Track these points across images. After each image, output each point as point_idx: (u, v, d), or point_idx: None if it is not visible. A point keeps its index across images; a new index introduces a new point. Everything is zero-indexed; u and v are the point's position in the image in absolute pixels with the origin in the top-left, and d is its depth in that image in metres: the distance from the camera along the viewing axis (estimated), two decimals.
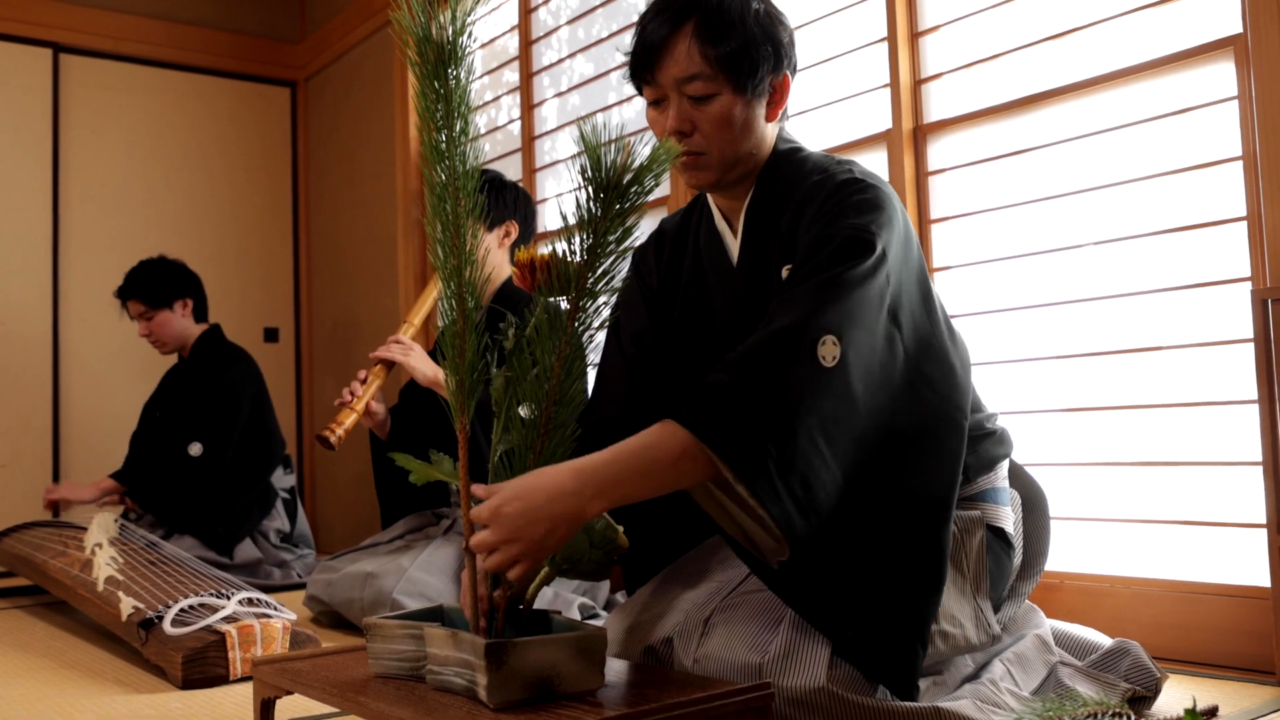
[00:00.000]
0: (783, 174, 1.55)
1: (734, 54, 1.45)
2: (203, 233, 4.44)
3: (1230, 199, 1.81)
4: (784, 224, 1.50)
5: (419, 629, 1.24)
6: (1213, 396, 1.83)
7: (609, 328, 1.77)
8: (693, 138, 1.49)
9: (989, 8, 2.17)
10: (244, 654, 1.89)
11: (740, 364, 1.29)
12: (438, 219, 1.26)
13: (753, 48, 1.46)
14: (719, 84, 1.46)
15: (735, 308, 1.59)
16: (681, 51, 1.46)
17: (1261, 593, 1.71)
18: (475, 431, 2.25)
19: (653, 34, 1.48)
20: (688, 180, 1.55)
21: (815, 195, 1.45)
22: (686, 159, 1.50)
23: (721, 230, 1.63)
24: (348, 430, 2.40)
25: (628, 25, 3.06)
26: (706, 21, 1.46)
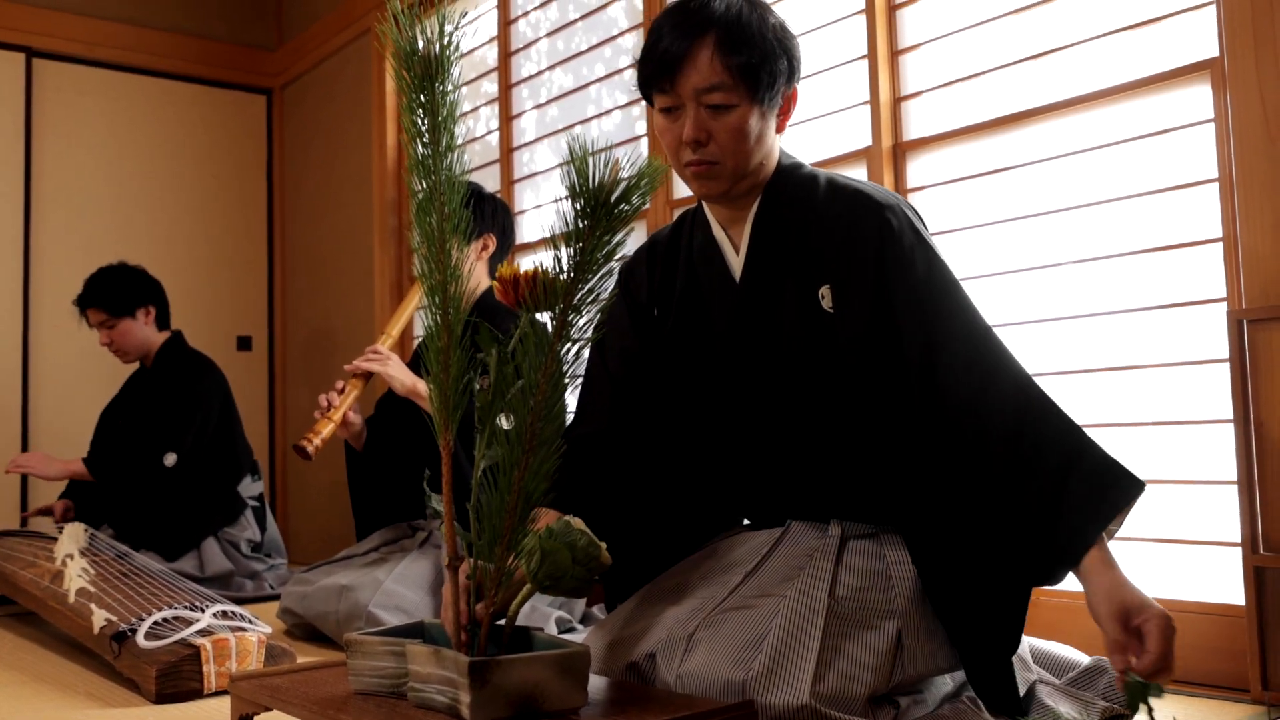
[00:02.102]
0: (790, 190, 1.57)
1: (754, 65, 1.48)
2: (176, 239, 4.41)
3: (1207, 220, 1.83)
4: (813, 240, 1.54)
5: (401, 645, 1.23)
6: (1189, 416, 1.85)
7: (594, 345, 1.77)
8: (708, 147, 1.51)
9: (968, 27, 2.19)
10: (219, 668, 1.87)
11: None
12: (422, 233, 1.25)
13: (771, 59, 1.50)
14: (739, 95, 1.48)
15: (738, 323, 1.59)
16: (704, 61, 1.48)
17: (1237, 611, 1.72)
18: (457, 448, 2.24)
19: (673, 44, 1.49)
20: (698, 190, 1.57)
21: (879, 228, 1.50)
22: (700, 168, 1.52)
23: (721, 243, 1.63)
24: (325, 440, 2.39)
25: (607, 39, 3.07)
26: (728, 34, 1.48)
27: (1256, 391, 1.68)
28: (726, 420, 1.64)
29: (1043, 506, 1.34)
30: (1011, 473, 1.36)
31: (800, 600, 1.40)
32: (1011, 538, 1.36)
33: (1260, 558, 1.65)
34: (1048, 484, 1.34)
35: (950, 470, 1.41)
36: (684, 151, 1.53)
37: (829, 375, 1.52)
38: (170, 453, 3.22)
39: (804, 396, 1.55)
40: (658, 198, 2.84)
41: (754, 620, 1.39)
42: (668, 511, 1.71)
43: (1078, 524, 1.32)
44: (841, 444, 1.54)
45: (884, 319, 1.48)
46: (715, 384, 1.64)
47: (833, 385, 1.52)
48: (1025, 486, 1.35)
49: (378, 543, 2.55)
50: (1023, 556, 1.35)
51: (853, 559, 1.49)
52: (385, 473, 2.56)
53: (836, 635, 1.35)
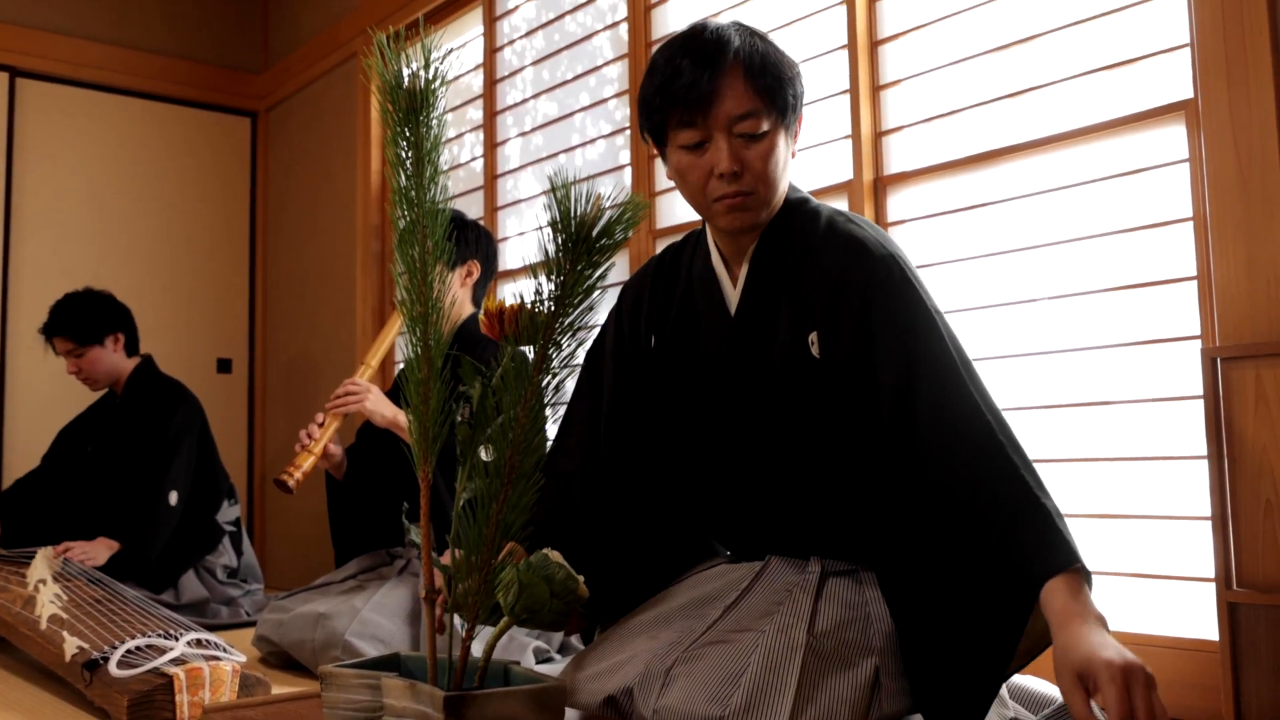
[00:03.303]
0: (792, 228, 1.57)
1: (780, 88, 1.49)
2: (158, 261, 4.39)
3: (1181, 258, 1.86)
4: (805, 283, 1.52)
5: (376, 679, 1.22)
6: (1163, 451, 1.86)
7: (581, 373, 1.78)
8: (743, 178, 1.49)
9: (949, 64, 2.21)
10: (192, 697, 1.85)
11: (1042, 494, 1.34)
12: (404, 264, 1.25)
13: (791, 81, 1.52)
14: (770, 119, 1.48)
15: (729, 357, 1.59)
16: (738, 89, 1.47)
17: (1210, 646, 1.73)
18: (436, 480, 2.24)
19: (697, 77, 1.47)
20: (728, 222, 1.54)
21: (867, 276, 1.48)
22: (735, 200, 1.50)
23: (720, 275, 1.62)
24: (306, 474, 2.39)
25: (592, 68, 3.09)
26: (749, 60, 1.48)
27: (1230, 428, 1.70)
28: (710, 451, 1.64)
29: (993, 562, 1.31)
30: (971, 526, 1.34)
31: (779, 636, 1.40)
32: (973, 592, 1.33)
33: (1234, 593, 1.66)
34: (998, 539, 1.31)
35: (919, 518, 1.39)
36: (715, 185, 1.51)
37: (815, 418, 1.52)
38: (173, 491, 3.18)
39: (789, 435, 1.55)
40: (641, 228, 2.85)
41: (732, 655, 1.38)
42: (648, 542, 1.71)
43: (1021, 580, 1.28)
44: (822, 484, 1.54)
45: (865, 370, 1.47)
46: (702, 414, 1.64)
47: (817, 427, 1.52)
48: (981, 540, 1.33)
49: (355, 570, 2.54)
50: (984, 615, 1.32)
51: (832, 595, 1.49)
52: (365, 502, 2.56)
53: (814, 673, 1.35)
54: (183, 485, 3.21)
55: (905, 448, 1.41)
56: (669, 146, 1.55)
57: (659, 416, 1.68)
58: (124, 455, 3.29)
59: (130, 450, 3.27)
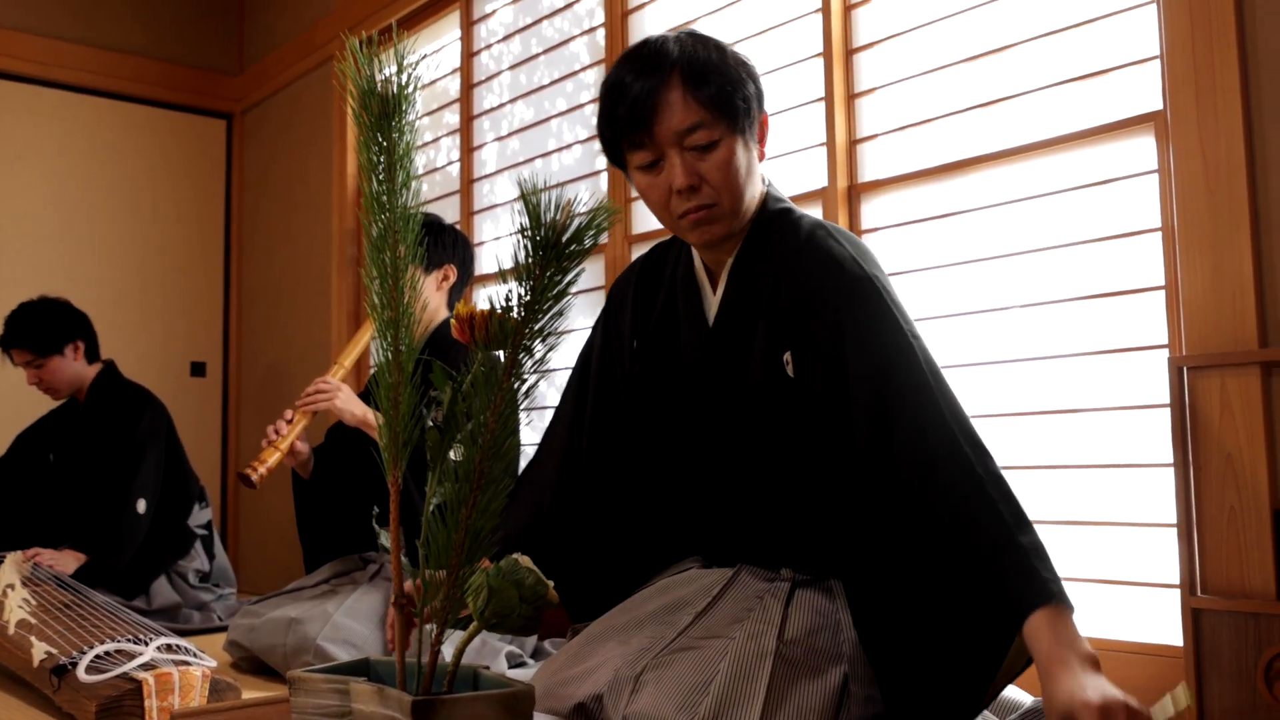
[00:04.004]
0: (774, 234, 1.54)
1: (726, 94, 1.45)
2: (130, 264, 4.36)
3: (1150, 268, 1.88)
4: (782, 300, 1.50)
5: (344, 683, 1.22)
6: (1130, 459, 1.88)
7: (568, 381, 1.79)
8: (702, 191, 1.47)
9: (923, 74, 2.23)
10: (161, 703, 1.84)
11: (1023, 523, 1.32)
12: (375, 270, 1.25)
13: (739, 84, 1.47)
14: (720, 129, 1.45)
15: (705, 364, 1.59)
16: (677, 103, 1.44)
17: (1175, 652, 1.75)
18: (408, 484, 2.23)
19: (638, 92, 1.44)
20: (697, 237, 1.51)
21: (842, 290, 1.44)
22: (698, 214, 1.48)
23: (701, 283, 1.61)
24: (270, 469, 2.38)
25: (569, 73, 3.09)
26: (689, 70, 1.45)
27: (1196, 436, 1.72)
28: (685, 458, 1.64)
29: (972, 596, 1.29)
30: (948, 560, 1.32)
31: (748, 643, 1.40)
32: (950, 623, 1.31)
33: (1198, 600, 1.68)
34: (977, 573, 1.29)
35: (893, 547, 1.36)
36: (676, 202, 1.48)
37: (788, 434, 1.52)
38: (141, 499, 3.15)
39: (761, 448, 1.55)
40: (616, 233, 2.86)
41: (702, 662, 1.39)
42: (626, 547, 1.71)
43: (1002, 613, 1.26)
44: (793, 498, 1.54)
45: (838, 395, 1.44)
46: (678, 421, 1.64)
47: (790, 444, 1.53)
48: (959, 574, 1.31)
49: (328, 575, 2.53)
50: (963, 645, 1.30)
51: (802, 602, 1.49)
52: (333, 503, 2.55)
53: (783, 680, 1.35)
54: (151, 492, 3.18)
55: (880, 477, 1.38)
56: (629, 169, 1.54)
57: (637, 422, 1.69)
58: (88, 463, 3.25)
59: (95, 458, 3.23)
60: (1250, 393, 1.67)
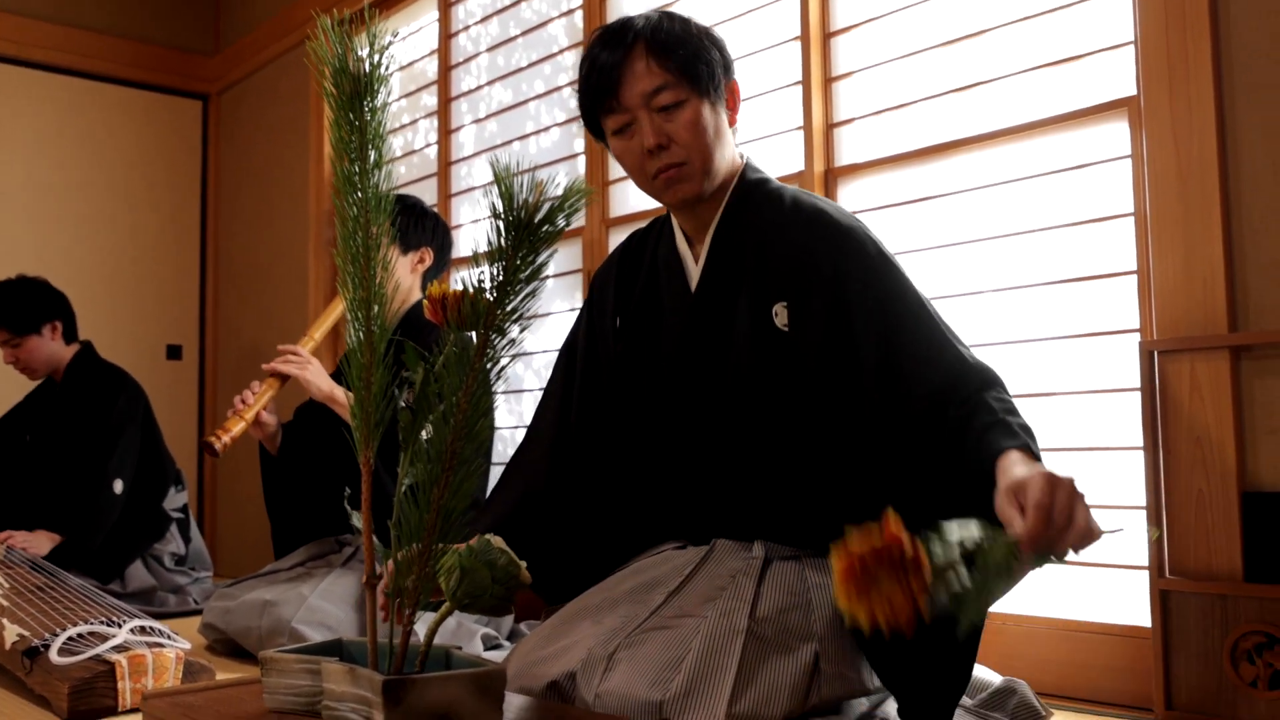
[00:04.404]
0: (753, 204, 1.59)
1: (689, 59, 1.52)
2: (104, 246, 4.33)
3: (1122, 253, 1.89)
4: (770, 258, 1.54)
5: (316, 663, 1.22)
6: (1101, 442, 1.90)
7: (555, 364, 1.81)
8: (670, 150, 1.53)
9: (900, 58, 2.24)
10: (134, 684, 1.83)
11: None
12: (347, 250, 1.25)
13: (703, 51, 1.54)
14: (684, 90, 1.52)
15: (689, 333, 1.61)
16: (641, 69, 1.52)
17: (1143, 632, 1.77)
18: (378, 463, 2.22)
19: (606, 61, 1.54)
20: (672, 197, 1.57)
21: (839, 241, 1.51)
22: (669, 172, 1.54)
23: (683, 254, 1.65)
24: (235, 438, 2.36)
25: (547, 56, 3.08)
26: (654, 39, 1.53)
27: (1165, 420, 1.73)
28: (666, 432, 1.66)
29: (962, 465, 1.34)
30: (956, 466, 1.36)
31: (720, 621, 1.41)
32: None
33: (1166, 581, 1.70)
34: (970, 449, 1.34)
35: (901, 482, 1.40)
36: (648, 163, 1.55)
37: (774, 390, 1.54)
38: (117, 479, 3.14)
39: (745, 411, 1.57)
40: (593, 217, 2.86)
41: (674, 641, 1.40)
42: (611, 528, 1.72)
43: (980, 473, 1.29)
44: (776, 461, 1.55)
45: (840, 341, 1.48)
46: (660, 394, 1.66)
47: (776, 400, 1.54)
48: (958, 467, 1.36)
49: (303, 557, 2.53)
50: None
51: (775, 580, 1.50)
52: (301, 481, 2.53)
53: (755, 657, 1.36)
54: (127, 473, 3.17)
55: (894, 405, 1.43)
56: (607, 139, 1.60)
57: (621, 400, 1.70)
58: (64, 444, 3.23)
59: (71, 439, 3.22)
60: (1219, 376, 1.69)
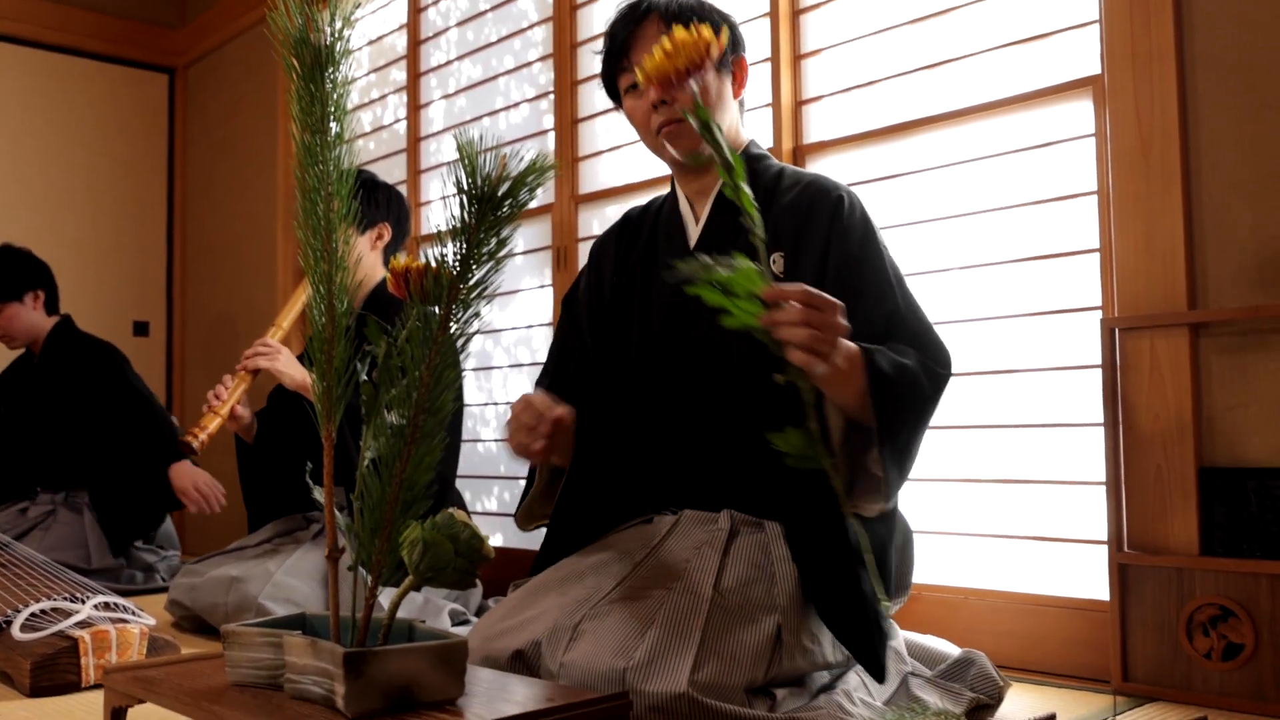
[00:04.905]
0: (755, 171, 1.70)
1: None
2: (69, 220, 4.28)
3: (1085, 231, 1.91)
4: (771, 213, 1.63)
5: (278, 637, 1.22)
6: (1063, 419, 1.92)
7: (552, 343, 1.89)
8: (672, 106, 1.64)
9: (869, 35, 2.24)
10: (98, 660, 1.83)
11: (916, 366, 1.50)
12: (309, 222, 1.24)
13: (713, 21, 1.68)
14: None
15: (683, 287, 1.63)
16: (652, 32, 1.66)
17: (1102, 606, 1.80)
18: (345, 436, 2.23)
19: (622, 28, 1.70)
20: (675, 148, 1.67)
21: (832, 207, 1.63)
22: (670, 126, 1.65)
23: (684, 214, 1.75)
24: (210, 435, 2.37)
25: (517, 31, 3.07)
26: (666, 9, 1.68)
27: (1126, 397, 1.76)
28: (648, 394, 1.68)
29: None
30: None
31: (685, 593, 1.43)
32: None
33: (1125, 555, 1.72)
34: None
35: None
36: (654, 118, 1.66)
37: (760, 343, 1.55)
38: None
39: (730, 367, 1.59)
40: (563, 194, 2.85)
41: (639, 612, 1.41)
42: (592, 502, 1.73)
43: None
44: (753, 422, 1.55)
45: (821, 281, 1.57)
46: (649, 352, 1.69)
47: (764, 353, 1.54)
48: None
49: (270, 534, 2.52)
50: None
51: (739, 553, 1.52)
52: (276, 465, 2.53)
53: (718, 627, 1.38)
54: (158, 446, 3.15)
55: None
56: (623, 101, 1.73)
57: (608, 359, 1.71)
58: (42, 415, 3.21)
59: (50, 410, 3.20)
60: (1179, 354, 1.71)
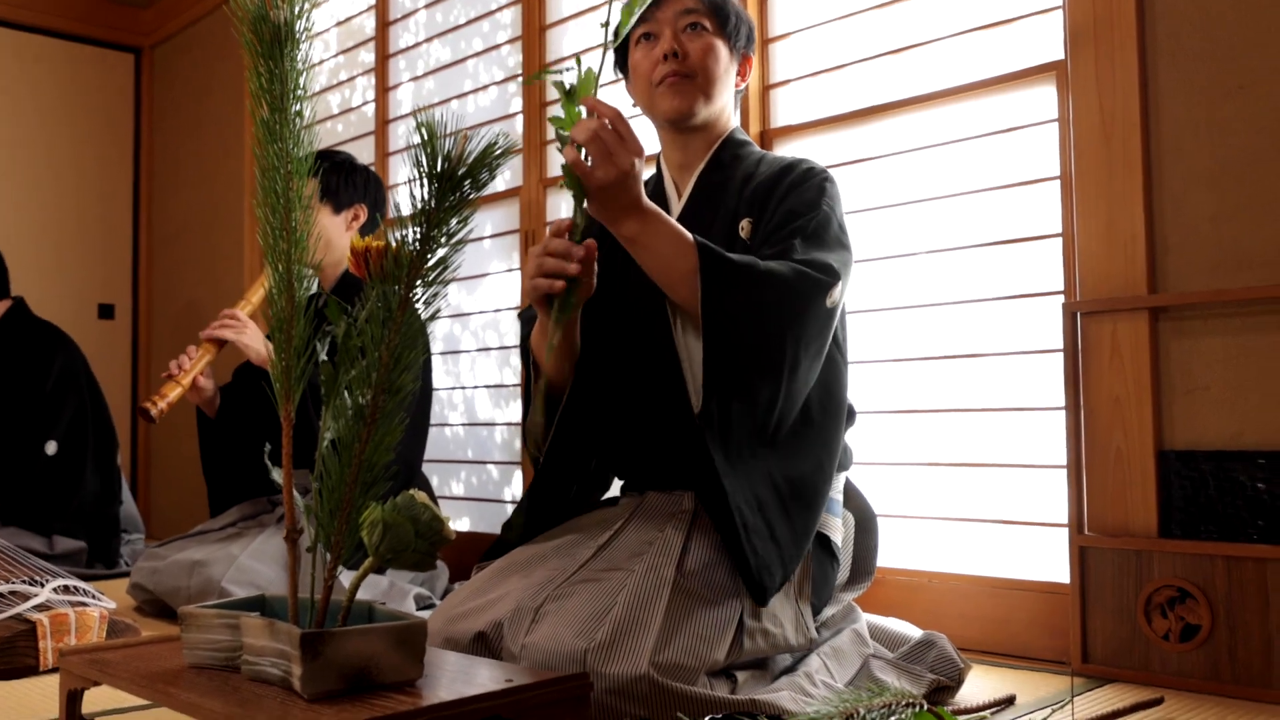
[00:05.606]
0: (739, 155, 1.74)
1: (723, 7, 1.73)
2: (31, 202, 4.22)
3: (1048, 216, 1.92)
4: (746, 189, 1.68)
5: (235, 618, 1.21)
6: (1025, 403, 1.93)
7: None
8: (685, 60, 1.69)
9: (836, 19, 2.24)
10: (56, 644, 1.81)
11: (771, 267, 1.49)
12: (268, 200, 1.23)
13: (736, 15, 1.75)
14: (712, 24, 1.72)
15: None
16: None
17: (1062, 589, 1.81)
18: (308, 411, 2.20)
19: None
20: (672, 102, 1.70)
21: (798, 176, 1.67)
22: (674, 79, 1.69)
23: (668, 190, 1.78)
24: (171, 404, 2.34)
25: (485, 13, 3.05)
26: None
27: (1087, 381, 1.77)
28: (620, 372, 1.67)
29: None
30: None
31: (648, 575, 1.43)
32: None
33: (1085, 538, 1.74)
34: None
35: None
36: (659, 69, 1.70)
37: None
38: (50, 440, 3.07)
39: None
40: (531, 177, 2.84)
41: (601, 593, 1.41)
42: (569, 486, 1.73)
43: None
44: None
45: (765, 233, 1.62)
46: (624, 329, 1.69)
47: None
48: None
49: (235, 517, 2.51)
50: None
51: (702, 535, 1.52)
52: (238, 443, 2.51)
53: (680, 609, 1.38)
54: (60, 434, 3.11)
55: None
56: (630, 54, 1.76)
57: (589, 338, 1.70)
58: None
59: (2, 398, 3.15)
60: (1139, 338, 1.72)
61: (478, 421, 3.00)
